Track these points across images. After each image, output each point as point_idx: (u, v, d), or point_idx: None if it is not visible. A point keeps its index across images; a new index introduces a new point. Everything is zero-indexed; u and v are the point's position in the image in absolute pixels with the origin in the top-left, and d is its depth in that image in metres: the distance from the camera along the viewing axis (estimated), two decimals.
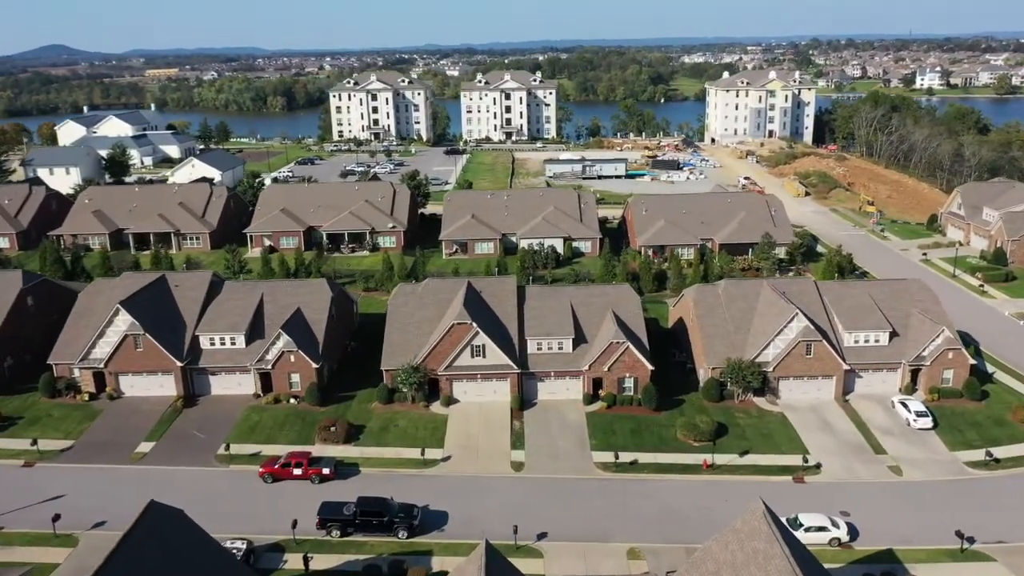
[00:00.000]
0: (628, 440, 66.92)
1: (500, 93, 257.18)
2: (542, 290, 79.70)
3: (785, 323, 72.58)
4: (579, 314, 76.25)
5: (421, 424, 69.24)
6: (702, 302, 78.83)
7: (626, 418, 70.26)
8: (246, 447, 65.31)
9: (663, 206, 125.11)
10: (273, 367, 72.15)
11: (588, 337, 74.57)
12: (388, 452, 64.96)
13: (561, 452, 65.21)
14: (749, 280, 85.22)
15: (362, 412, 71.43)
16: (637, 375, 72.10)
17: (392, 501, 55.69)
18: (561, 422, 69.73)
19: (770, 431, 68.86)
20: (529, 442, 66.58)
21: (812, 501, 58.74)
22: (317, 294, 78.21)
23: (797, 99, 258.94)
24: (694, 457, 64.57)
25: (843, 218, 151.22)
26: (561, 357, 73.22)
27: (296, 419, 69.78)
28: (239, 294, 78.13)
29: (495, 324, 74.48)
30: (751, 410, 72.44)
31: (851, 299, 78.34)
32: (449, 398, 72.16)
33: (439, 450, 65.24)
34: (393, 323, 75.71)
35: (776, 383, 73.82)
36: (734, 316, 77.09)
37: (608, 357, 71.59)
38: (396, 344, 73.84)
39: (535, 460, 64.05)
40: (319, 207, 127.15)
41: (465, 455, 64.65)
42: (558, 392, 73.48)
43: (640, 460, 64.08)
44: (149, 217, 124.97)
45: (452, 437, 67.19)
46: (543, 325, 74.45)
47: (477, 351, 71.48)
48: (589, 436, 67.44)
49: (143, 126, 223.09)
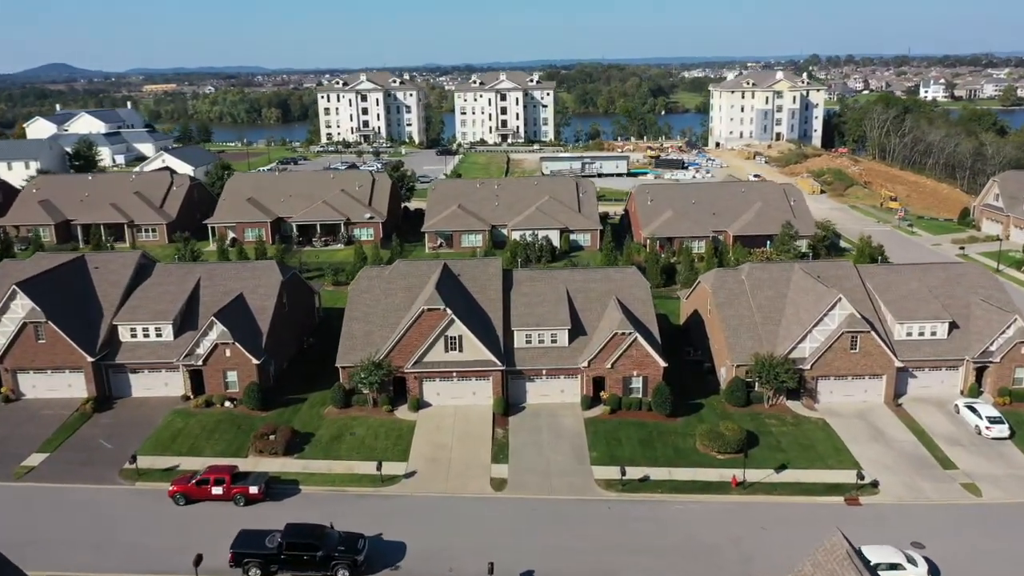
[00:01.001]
0: (637, 452, 54.25)
1: (495, 94, 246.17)
2: (532, 274, 67.25)
3: (825, 311, 60.09)
4: (576, 302, 63.81)
5: (382, 432, 56.55)
6: (722, 289, 66.40)
7: (634, 425, 57.61)
8: (162, 460, 52.53)
9: (670, 196, 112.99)
10: (204, 363, 59.51)
11: (587, 328, 62.08)
12: (338, 466, 52.21)
13: (554, 467, 52.49)
14: (777, 263, 72.85)
15: (312, 418, 58.75)
16: (647, 373, 59.50)
17: (331, 530, 42.88)
18: (554, 430, 57.08)
19: (811, 441, 56.16)
20: (514, 454, 53.89)
21: (874, 529, 45.95)
22: (264, 278, 65.77)
23: (805, 100, 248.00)
24: (719, 473, 51.83)
25: (864, 214, 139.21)
26: (554, 352, 60.65)
27: (229, 426, 57.06)
28: (171, 278, 65.70)
29: (475, 312, 62.02)
30: (785, 416, 59.79)
31: (900, 285, 65.94)
32: (418, 401, 59.47)
33: (401, 464, 52.50)
34: (353, 312, 63.23)
35: (814, 383, 61.20)
36: (761, 305, 64.64)
37: (612, 351, 59.04)
38: (356, 337, 61.31)
39: (521, 477, 51.30)
40: (290, 197, 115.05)
41: (434, 470, 51.91)
42: (551, 394, 60.83)
43: (652, 476, 51.35)
44: (101, 207, 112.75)
45: (419, 448, 54.48)
46: (533, 314, 61.96)
47: (452, 344, 58.91)
48: (589, 447, 54.76)
49: (117, 124, 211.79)
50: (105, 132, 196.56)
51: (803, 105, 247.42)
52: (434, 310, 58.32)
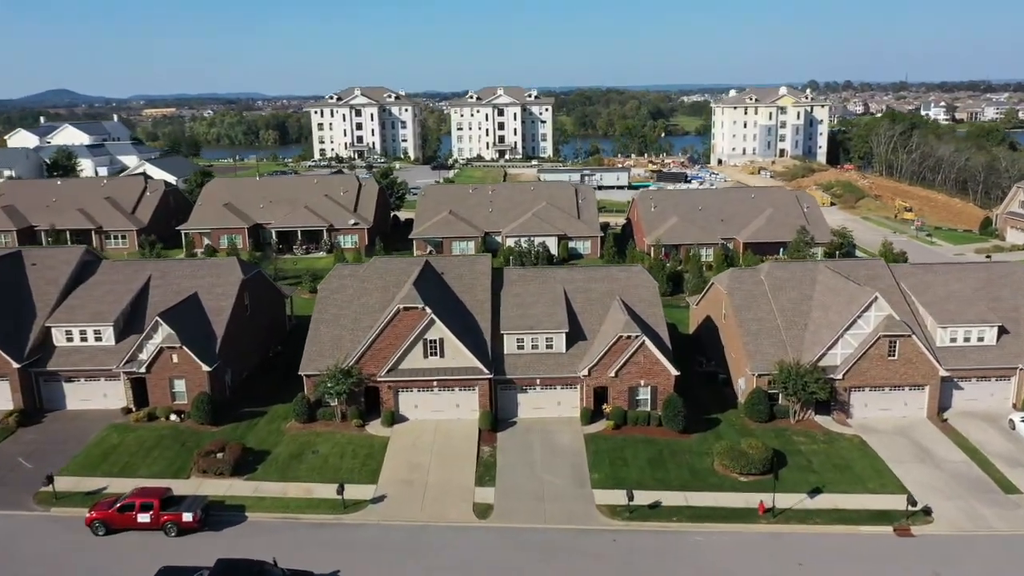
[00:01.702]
0: (645, 473, 46.53)
1: (492, 109, 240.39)
2: (526, 273, 59.86)
3: (859, 312, 52.65)
4: (575, 303, 56.41)
5: (350, 450, 48.80)
6: (739, 291, 59.03)
7: (641, 442, 49.89)
8: (87, 481, 44.75)
9: (675, 202, 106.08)
10: (148, 370, 51.90)
11: (587, 333, 54.60)
12: (294, 489, 44.43)
13: (549, 490, 44.73)
14: (799, 262, 65.51)
15: (271, 434, 51.03)
16: (656, 383, 51.92)
17: (273, 567, 35.11)
18: (550, 448, 49.37)
19: (846, 461, 48.43)
20: (503, 476, 46.14)
21: (931, 564, 38.19)
22: (222, 277, 58.38)
23: (810, 116, 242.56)
24: (743, 498, 44.08)
25: (878, 225, 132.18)
26: (550, 359, 53.11)
27: (172, 442, 49.30)
28: (118, 276, 58.34)
29: (460, 314, 54.59)
30: (815, 433, 52.10)
31: (939, 286, 58.59)
32: (393, 414, 51.78)
33: (369, 487, 44.73)
34: (322, 314, 55.79)
35: (847, 395, 53.61)
36: (784, 308, 57.23)
37: (615, 357, 51.51)
38: (324, 341, 53.79)
39: (510, 502, 43.54)
40: (270, 202, 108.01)
41: (407, 494, 44.14)
42: (546, 407, 53.19)
43: (664, 502, 43.61)
44: (68, 213, 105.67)
45: (391, 468, 46.71)
46: (525, 316, 54.49)
47: (433, 348, 51.37)
48: (589, 468, 47.04)
49: (102, 137, 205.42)
50: (88, 144, 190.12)
51: (807, 121, 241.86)
52: (411, 309, 50.86)
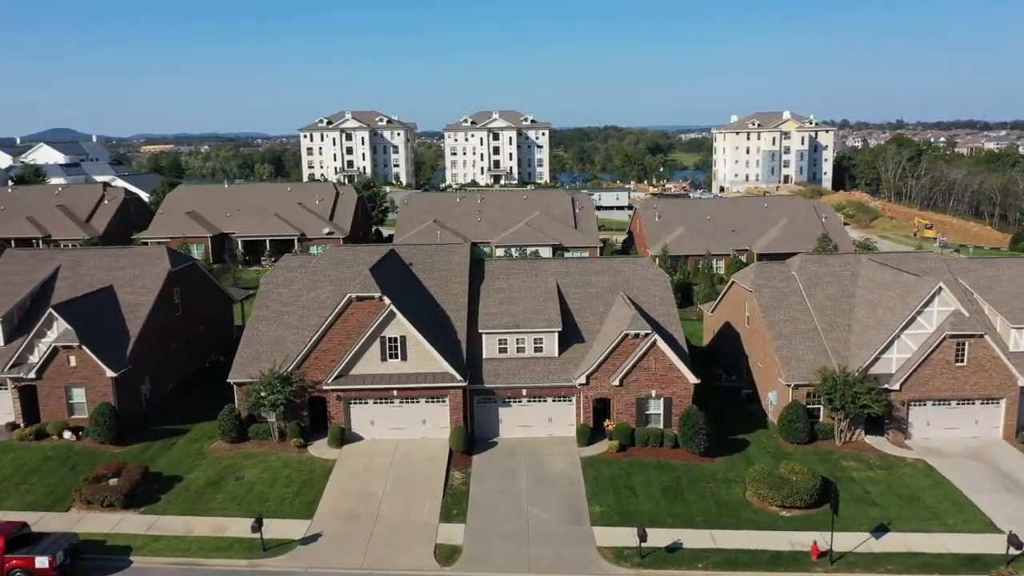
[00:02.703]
0: (659, 506, 36.32)
1: (487, 133, 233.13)
2: (513, 265, 50.07)
3: (918, 306, 42.91)
4: (571, 299, 46.65)
5: (284, 476, 38.57)
6: (767, 288, 49.30)
7: (653, 468, 39.72)
8: None
9: (682, 211, 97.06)
10: (39, 376, 41.86)
11: (585, 334, 44.75)
12: (202, 525, 34.12)
13: (535, 527, 34.47)
14: (836, 256, 55.83)
15: (189, 456, 40.85)
16: (670, 393, 41.89)
17: None
18: (538, 474, 39.16)
19: (913, 491, 38.24)
20: (476, 509, 35.88)
21: None
22: (146, 267, 48.62)
23: (814, 142, 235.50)
24: (788, 538, 33.84)
25: (897, 243, 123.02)
26: (539, 365, 43.14)
27: (60, 465, 39.05)
28: (20, 267, 48.58)
29: (430, 310, 44.75)
30: (867, 456, 41.96)
31: (1007, 282, 48.94)
32: (342, 432, 41.57)
33: (301, 523, 34.43)
34: (263, 311, 45.97)
35: (904, 410, 43.58)
36: (822, 306, 47.47)
37: (620, 361, 41.58)
38: (262, 343, 43.88)
39: (483, 543, 33.25)
40: (238, 210, 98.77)
41: (350, 532, 33.82)
42: (534, 423, 43.08)
43: (685, 543, 33.34)
44: (15, 221, 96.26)
45: (334, 499, 36.44)
46: (509, 312, 44.65)
47: (392, 349, 41.42)
48: (588, 499, 36.82)
49: (80, 157, 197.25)
50: (63, 163, 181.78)
51: (812, 146, 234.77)
52: (366, 299, 41.02)
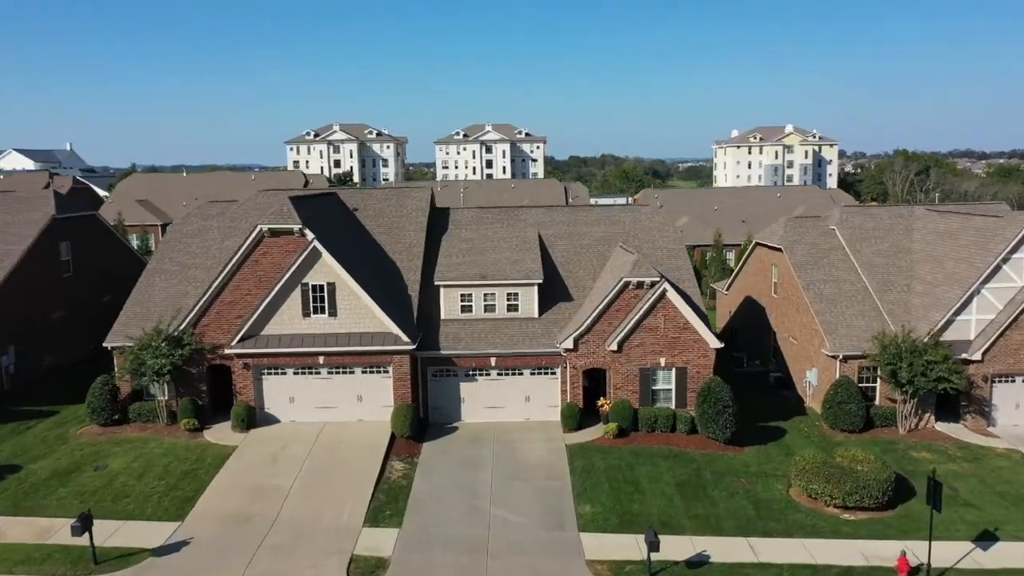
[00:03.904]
0: (673, 506, 26.18)
1: (480, 146, 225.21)
2: (484, 214, 40.24)
3: (1003, 253, 33.20)
4: (555, 253, 36.90)
5: (161, 465, 28.39)
6: (801, 244, 39.61)
7: (664, 457, 29.60)
8: None
9: (686, 201, 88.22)
10: None
11: (573, 291, 34.92)
12: (22, 529, 23.97)
13: (501, 534, 24.25)
14: (883, 207, 46.15)
15: (45, 442, 30.72)
16: (685, 361, 31.87)
17: None
18: (509, 465, 28.95)
19: (1018, 489, 28.17)
20: (418, 509, 25.66)
21: None
22: (21, 212, 38.89)
23: (818, 156, 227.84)
24: (857, 548, 23.73)
25: None
26: (513, 328, 33.19)
27: None
28: None
29: (374, 259, 34.92)
30: (943, 446, 31.93)
31: None
32: (250, 411, 31.37)
33: (167, 526, 24.26)
34: (163, 262, 36.19)
35: (987, 387, 33.62)
36: (871, 263, 37.75)
37: (620, 320, 31.69)
38: (156, 300, 33.99)
39: (423, 553, 23.01)
40: (195, 199, 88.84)
41: (231, 540, 23.59)
42: (507, 402, 32.97)
43: (713, 556, 23.19)
44: None
45: (218, 496, 26.24)
46: (476, 263, 34.78)
47: (319, 301, 31.46)
48: (575, 497, 26.62)
49: (52, 164, 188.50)
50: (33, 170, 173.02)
51: (815, 160, 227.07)
52: (282, 233, 31.14)
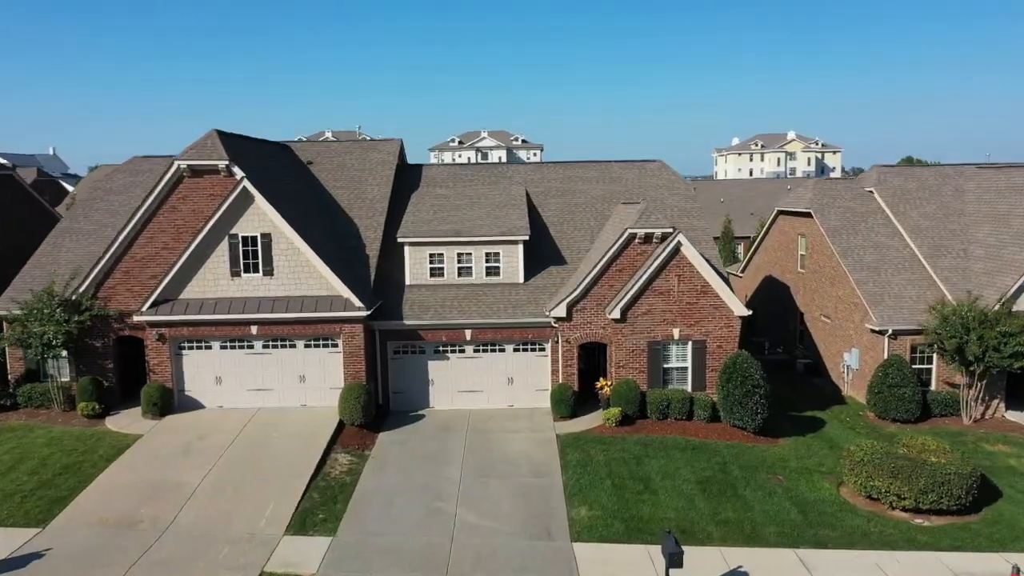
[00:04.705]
0: (695, 508, 20.14)
1: (475, 152, 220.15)
2: (462, 170, 34.46)
3: None
4: (546, 212, 31.16)
5: (38, 457, 22.36)
6: (834, 208, 33.91)
7: (680, 449, 23.60)
8: None
9: None
10: None
11: (566, 254, 29.12)
12: None
13: (467, 544, 18.22)
14: (927, 167, 40.50)
15: None
16: (704, 333, 25.97)
17: None
18: (483, 458, 22.93)
19: None
20: (362, 512, 19.63)
21: None
22: None
23: (821, 163, 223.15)
24: (944, 563, 17.70)
25: None
26: (493, 294, 27.34)
27: None
28: None
29: (327, 213, 29.12)
30: (1017, 437, 26.04)
31: None
32: (165, 393, 25.33)
33: (23, 532, 18.19)
34: (76, 221, 30.61)
35: None
36: (919, 227, 32.06)
37: (622, 281, 25.88)
38: (64, 262, 28.22)
39: (359, 570, 16.99)
40: None
41: (105, 550, 17.55)
42: (485, 385, 26.99)
43: (753, 573, 17.16)
44: None
45: (102, 495, 20.22)
46: (448, 219, 28.96)
47: (251, 257, 25.57)
48: (568, 496, 20.59)
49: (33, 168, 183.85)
50: None
51: (819, 168, 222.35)
52: (205, 172, 25.29)
